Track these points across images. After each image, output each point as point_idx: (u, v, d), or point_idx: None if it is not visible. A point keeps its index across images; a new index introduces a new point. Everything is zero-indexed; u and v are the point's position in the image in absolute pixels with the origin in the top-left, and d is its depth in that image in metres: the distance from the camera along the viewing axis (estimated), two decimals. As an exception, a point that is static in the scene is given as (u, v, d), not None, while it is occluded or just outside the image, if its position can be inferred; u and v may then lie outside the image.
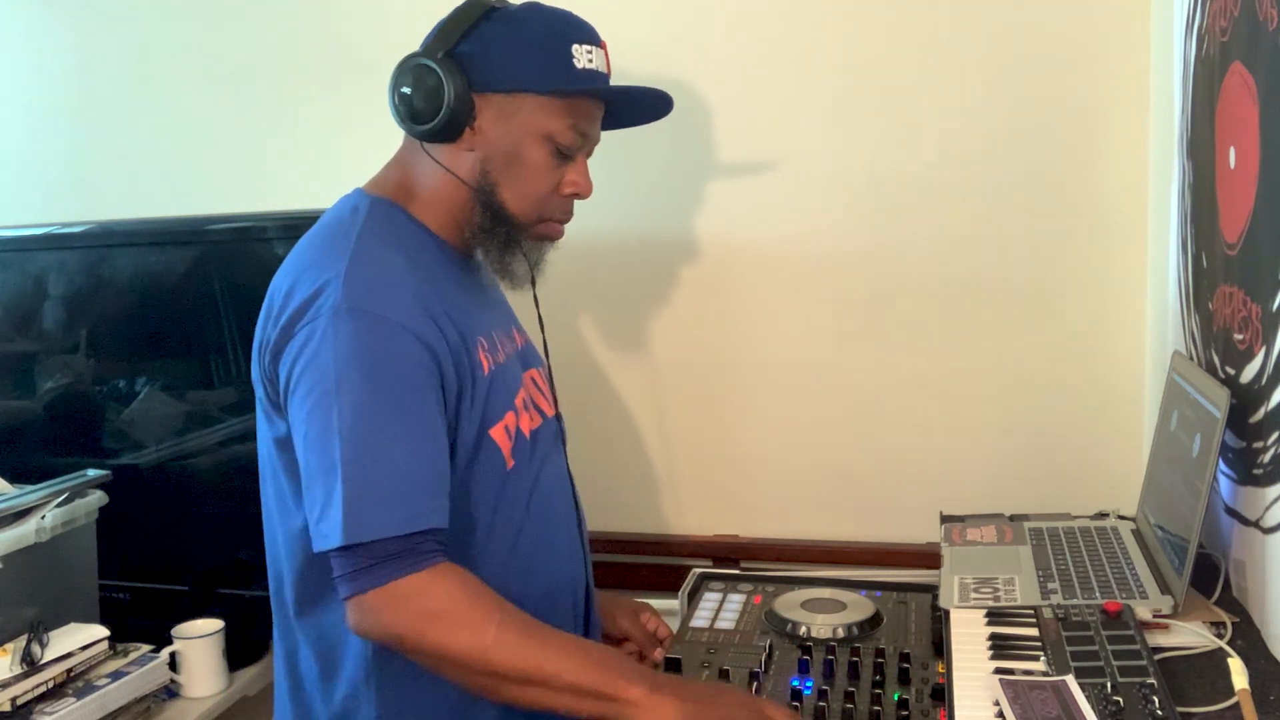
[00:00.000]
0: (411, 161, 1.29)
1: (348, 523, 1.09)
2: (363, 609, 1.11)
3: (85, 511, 1.65)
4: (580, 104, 1.26)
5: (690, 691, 1.12)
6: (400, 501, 1.11)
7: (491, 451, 1.24)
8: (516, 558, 1.27)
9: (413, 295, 1.17)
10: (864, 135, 1.82)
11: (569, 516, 1.37)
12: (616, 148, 1.89)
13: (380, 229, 1.22)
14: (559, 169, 1.27)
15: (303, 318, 1.15)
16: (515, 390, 1.29)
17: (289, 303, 1.17)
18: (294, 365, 1.15)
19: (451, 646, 1.10)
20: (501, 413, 1.25)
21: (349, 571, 1.11)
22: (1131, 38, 1.71)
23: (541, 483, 1.31)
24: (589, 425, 1.96)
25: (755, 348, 1.92)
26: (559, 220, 1.31)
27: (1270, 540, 1.15)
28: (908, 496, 1.87)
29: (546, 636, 1.13)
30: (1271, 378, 1.16)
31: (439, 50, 1.22)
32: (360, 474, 1.10)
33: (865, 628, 1.39)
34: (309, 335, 1.14)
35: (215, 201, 2.05)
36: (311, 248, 1.23)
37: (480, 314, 1.29)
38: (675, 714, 1.08)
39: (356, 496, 1.10)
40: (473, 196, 1.25)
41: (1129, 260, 1.76)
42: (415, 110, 1.22)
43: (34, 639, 1.47)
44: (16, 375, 1.92)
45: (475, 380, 1.21)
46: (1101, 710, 0.98)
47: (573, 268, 1.92)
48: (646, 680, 1.11)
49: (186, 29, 2.13)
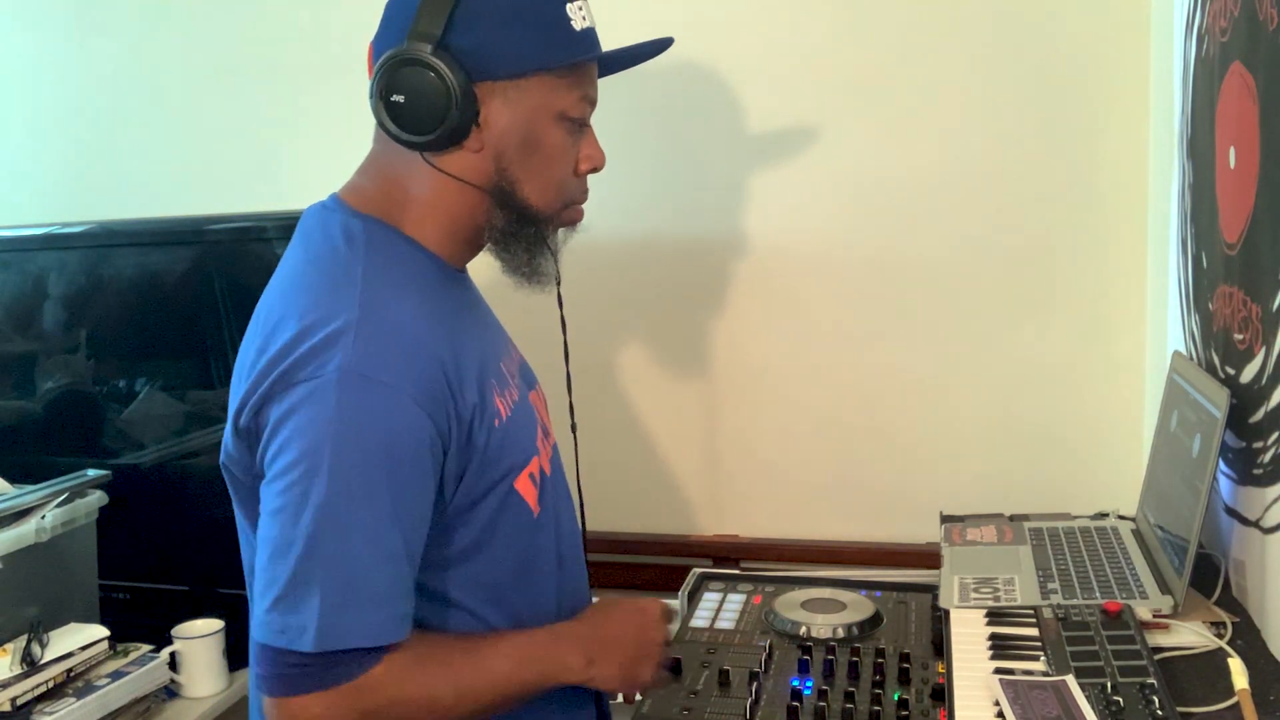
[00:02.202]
0: (400, 171, 1.11)
1: (324, 627, 0.96)
2: (298, 712, 0.98)
3: (85, 511, 1.64)
4: (586, 69, 1.12)
5: (610, 649, 1.16)
6: (382, 606, 1.00)
7: (518, 506, 1.13)
8: (551, 600, 1.21)
9: (431, 360, 1.04)
10: (864, 136, 1.82)
11: (580, 547, 1.31)
12: (620, 149, 1.89)
13: (384, 264, 1.07)
14: (575, 146, 1.14)
15: (304, 369, 0.99)
16: (534, 427, 1.19)
17: (288, 350, 1.01)
18: (284, 421, 1.00)
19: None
20: (527, 459, 1.14)
21: (291, 672, 0.98)
22: (1131, 38, 1.71)
23: (561, 524, 1.23)
24: (588, 426, 1.95)
25: (755, 348, 1.92)
26: (579, 202, 1.18)
27: (1270, 540, 1.15)
28: (908, 496, 1.87)
29: (488, 663, 1.08)
30: (1271, 378, 1.16)
31: (425, 40, 1.04)
32: (344, 571, 0.98)
33: (865, 628, 1.39)
34: (308, 394, 0.99)
35: (215, 201, 2.05)
36: (308, 286, 1.06)
37: (485, 343, 1.18)
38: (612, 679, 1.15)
39: (337, 597, 0.97)
40: (488, 200, 1.11)
41: (1129, 260, 1.76)
42: (413, 119, 1.06)
43: (34, 639, 1.47)
44: (16, 375, 1.92)
45: (492, 434, 1.09)
46: (1101, 710, 0.98)
47: (571, 268, 1.93)
48: (581, 654, 1.14)
49: (186, 29, 2.13)
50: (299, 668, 0.98)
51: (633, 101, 1.87)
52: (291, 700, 0.98)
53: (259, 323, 1.08)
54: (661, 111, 1.89)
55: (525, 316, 1.39)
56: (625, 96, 1.87)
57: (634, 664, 1.18)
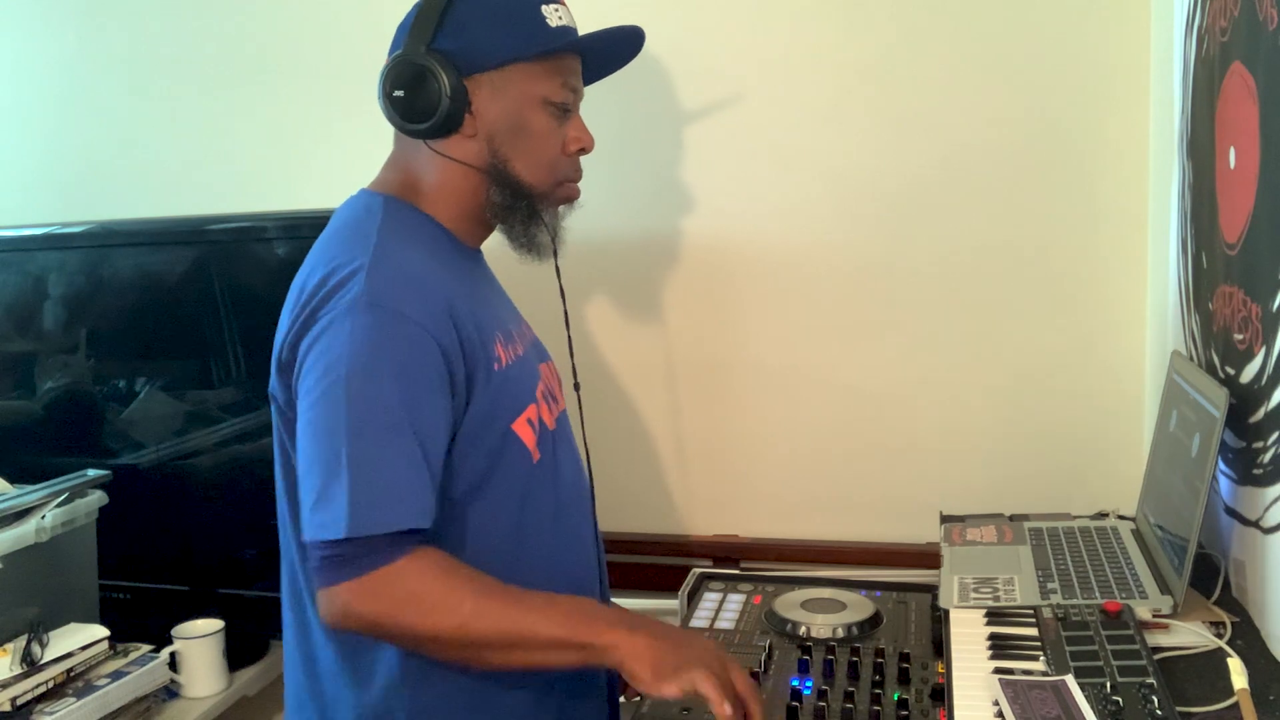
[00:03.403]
0: (412, 160, 1.29)
1: (353, 516, 1.09)
2: (335, 598, 1.12)
3: (85, 511, 1.65)
4: (564, 60, 1.28)
5: (663, 630, 1.16)
6: (403, 498, 1.12)
7: (516, 446, 1.25)
8: (551, 552, 1.29)
9: (433, 293, 1.18)
10: (864, 135, 1.82)
11: (585, 506, 1.38)
12: (621, 148, 1.90)
13: (398, 225, 1.23)
14: (561, 129, 1.29)
15: (326, 304, 1.16)
16: (535, 382, 1.31)
17: (315, 291, 1.17)
18: (310, 349, 1.16)
19: (429, 628, 1.11)
20: (523, 405, 1.26)
21: (330, 561, 1.11)
22: (1131, 38, 1.71)
23: (561, 474, 1.32)
24: (588, 426, 1.96)
25: (756, 347, 1.92)
26: (573, 180, 1.33)
27: (1270, 540, 1.15)
28: (908, 496, 1.87)
29: (521, 599, 1.15)
30: (1271, 378, 1.16)
31: (420, 45, 1.23)
32: (366, 468, 1.11)
33: (865, 628, 1.39)
34: (329, 323, 1.15)
35: (215, 201, 2.05)
36: (333, 243, 1.24)
37: (494, 308, 1.31)
38: (650, 651, 1.11)
39: (362, 490, 1.10)
40: (486, 179, 1.27)
41: (1129, 260, 1.76)
42: (412, 111, 1.24)
43: (34, 639, 1.47)
44: (16, 375, 1.92)
45: (491, 375, 1.22)
46: (1101, 710, 0.98)
47: (571, 268, 1.93)
48: (624, 622, 1.15)
49: (186, 28, 2.13)
50: (337, 558, 1.11)
51: (634, 102, 1.87)
52: (330, 588, 1.12)
53: (295, 280, 1.24)
54: (663, 112, 1.89)
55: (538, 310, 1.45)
56: (626, 97, 1.88)
57: (685, 659, 1.10)
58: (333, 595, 1.12)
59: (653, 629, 1.14)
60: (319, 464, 1.12)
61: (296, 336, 1.18)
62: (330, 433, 1.12)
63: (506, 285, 1.43)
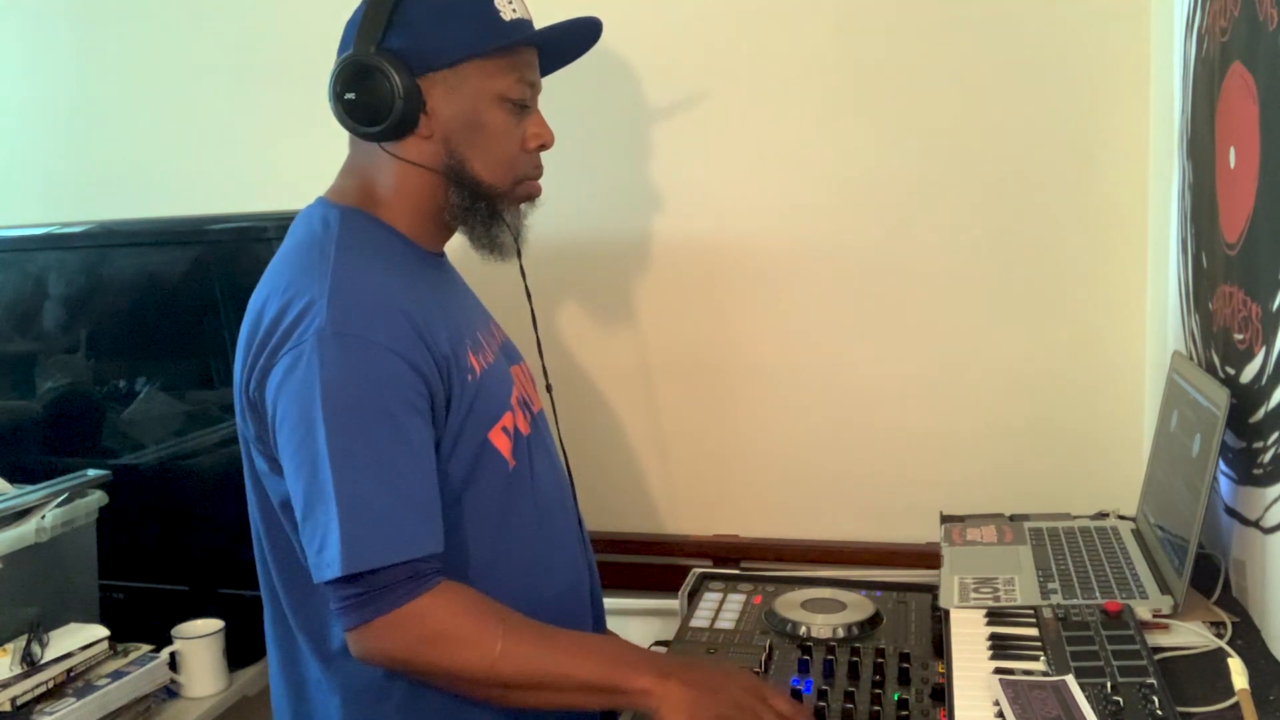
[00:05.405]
0: (368, 164, 1.25)
1: (346, 553, 1.07)
2: (365, 638, 1.11)
3: (85, 511, 1.64)
4: (519, 55, 1.24)
5: (696, 677, 1.12)
6: (398, 528, 1.10)
7: (492, 456, 1.23)
8: (536, 557, 1.27)
9: (398, 313, 1.14)
10: (863, 134, 1.82)
11: (569, 508, 1.37)
12: (619, 150, 1.90)
13: (355, 241, 1.19)
14: (519, 126, 1.25)
15: (287, 342, 1.12)
16: (509, 388, 1.28)
17: (273, 327, 1.14)
18: (280, 392, 1.12)
19: (459, 666, 1.10)
20: (499, 413, 1.24)
21: (350, 602, 1.10)
22: (1131, 38, 1.71)
23: (539, 477, 1.30)
24: (589, 426, 1.96)
25: (755, 347, 1.92)
26: (533, 177, 1.29)
27: (1270, 540, 1.15)
28: (908, 496, 1.87)
29: (551, 639, 1.13)
30: (1271, 378, 1.16)
31: (369, 44, 1.19)
32: (355, 502, 1.09)
33: (865, 628, 1.39)
34: (294, 360, 1.11)
35: (215, 201, 2.05)
36: (288, 267, 1.19)
37: (461, 314, 1.28)
38: (682, 700, 1.08)
39: (353, 525, 1.08)
40: (444, 180, 1.23)
41: (1129, 260, 1.76)
42: (365, 113, 1.19)
43: (34, 639, 1.47)
44: (16, 375, 1.92)
45: (465, 387, 1.20)
46: (1101, 710, 0.98)
47: (570, 267, 1.93)
48: (654, 668, 1.12)
49: (186, 29, 2.12)
50: (355, 598, 1.09)
51: (631, 101, 1.87)
52: (355, 630, 1.11)
53: (252, 305, 1.20)
54: (662, 111, 1.89)
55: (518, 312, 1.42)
56: (624, 97, 1.88)
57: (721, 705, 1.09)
58: (359, 636, 1.11)
59: (683, 674, 1.12)
60: (314, 509, 1.10)
61: (262, 374, 1.14)
62: (315, 473, 1.09)
63: (476, 286, 1.41)
